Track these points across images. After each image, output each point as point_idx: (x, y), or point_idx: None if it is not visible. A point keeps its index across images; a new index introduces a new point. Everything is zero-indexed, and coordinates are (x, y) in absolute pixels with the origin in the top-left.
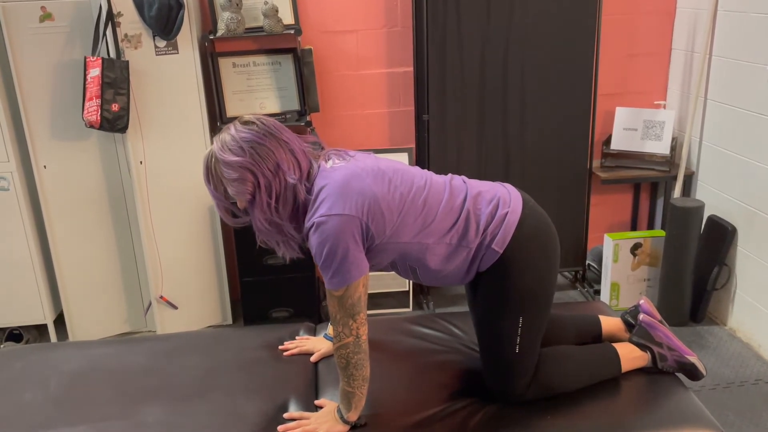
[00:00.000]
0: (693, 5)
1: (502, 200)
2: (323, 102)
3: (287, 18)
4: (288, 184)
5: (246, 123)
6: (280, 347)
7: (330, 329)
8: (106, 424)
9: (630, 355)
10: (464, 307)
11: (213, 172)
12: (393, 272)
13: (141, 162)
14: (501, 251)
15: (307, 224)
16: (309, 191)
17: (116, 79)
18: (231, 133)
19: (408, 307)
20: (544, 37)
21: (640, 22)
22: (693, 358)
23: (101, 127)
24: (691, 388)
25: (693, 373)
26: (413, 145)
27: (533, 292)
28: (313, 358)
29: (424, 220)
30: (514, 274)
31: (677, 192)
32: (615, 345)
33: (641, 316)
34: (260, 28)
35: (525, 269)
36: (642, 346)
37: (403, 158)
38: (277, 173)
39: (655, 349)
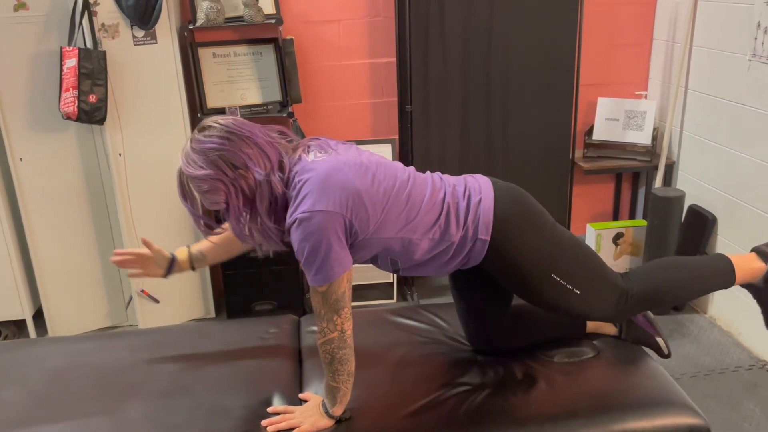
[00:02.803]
0: None
1: (474, 189)
2: (305, 93)
3: (268, 7)
4: (258, 181)
5: (203, 129)
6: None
7: (180, 250)
8: (88, 420)
9: (746, 264)
10: (448, 298)
11: (188, 189)
12: (380, 267)
13: (120, 154)
14: (488, 238)
15: (289, 220)
16: (287, 184)
17: (93, 70)
18: (192, 145)
19: (392, 298)
20: (526, 28)
21: (622, 12)
22: None
23: (78, 119)
24: (673, 376)
25: None
26: (396, 137)
27: (543, 251)
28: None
29: (408, 215)
30: (515, 251)
31: (658, 182)
32: (732, 256)
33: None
34: (240, 18)
35: (522, 240)
36: (767, 258)
37: (386, 149)
38: (247, 173)
39: None
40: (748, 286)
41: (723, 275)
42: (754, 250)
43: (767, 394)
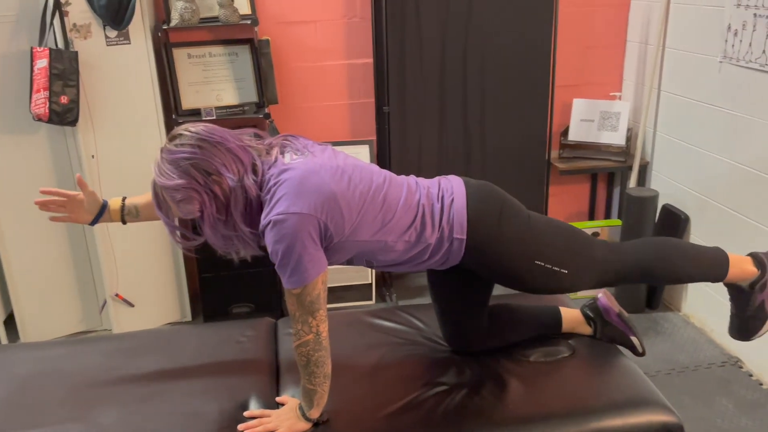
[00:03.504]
0: None
1: (446, 191)
2: (282, 94)
3: (243, 8)
4: (231, 186)
5: (174, 138)
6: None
7: (114, 200)
8: (61, 426)
9: (741, 264)
10: (428, 299)
11: (162, 199)
12: (355, 265)
13: (93, 156)
14: (464, 237)
15: (264, 221)
16: (261, 186)
17: (65, 71)
18: (163, 155)
19: (371, 299)
20: (502, 29)
21: (596, 14)
22: None
23: (50, 120)
24: (647, 374)
25: None
26: (374, 138)
27: (521, 240)
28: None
29: (383, 217)
30: (493, 245)
31: (633, 182)
32: (730, 254)
33: None
34: (216, 18)
35: (499, 233)
36: (761, 265)
37: (363, 151)
38: (220, 179)
39: None
40: (733, 287)
41: (716, 266)
42: (750, 254)
43: (740, 391)
